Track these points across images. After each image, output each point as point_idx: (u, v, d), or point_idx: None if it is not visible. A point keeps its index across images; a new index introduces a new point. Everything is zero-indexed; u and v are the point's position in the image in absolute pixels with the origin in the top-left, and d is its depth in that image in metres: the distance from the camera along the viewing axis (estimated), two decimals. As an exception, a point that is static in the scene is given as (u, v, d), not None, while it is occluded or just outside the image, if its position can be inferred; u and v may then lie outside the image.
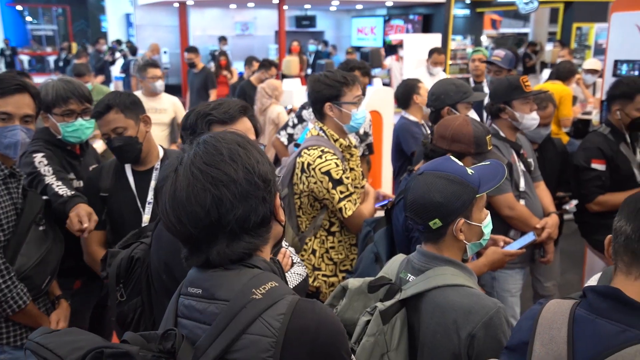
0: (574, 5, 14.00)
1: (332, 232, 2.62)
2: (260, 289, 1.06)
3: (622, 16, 3.58)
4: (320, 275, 2.61)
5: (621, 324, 1.11)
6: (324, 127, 2.58)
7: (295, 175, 2.55)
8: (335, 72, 2.59)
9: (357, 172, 2.71)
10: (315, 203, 2.55)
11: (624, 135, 3.18)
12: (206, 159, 1.07)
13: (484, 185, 1.57)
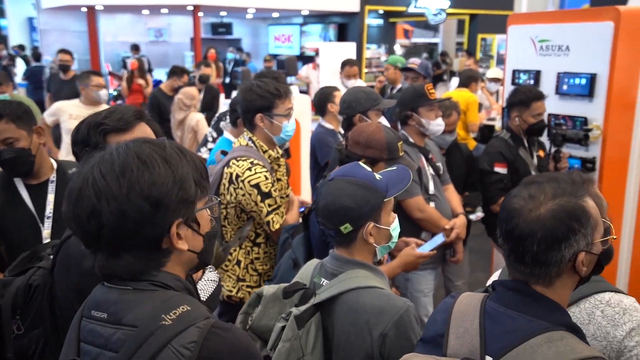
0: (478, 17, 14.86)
1: (257, 243, 2.61)
2: (171, 314, 1.02)
3: (518, 29, 3.85)
4: (245, 287, 2.59)
5: (528, 315, 1.19)
6: (253, 138, 2.56)
7: (222, 186, 2.52)
8: (268, 83, 2.56)
9: (283, 182, 2.72)
10: (242, 214, 2.54)
11: (523, 140, 3.41)
12: (103, 167, 1.04)
13: (391, 190, 1.63)
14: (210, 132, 3.94)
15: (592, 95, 3.40)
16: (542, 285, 1.22)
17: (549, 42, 3.64)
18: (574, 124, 3.51)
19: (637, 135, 3.45)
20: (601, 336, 1.49)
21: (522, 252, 1.20)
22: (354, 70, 5.81)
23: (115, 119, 1.62)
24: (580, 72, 3.45)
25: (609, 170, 3.44)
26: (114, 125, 1.61)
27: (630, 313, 1.48)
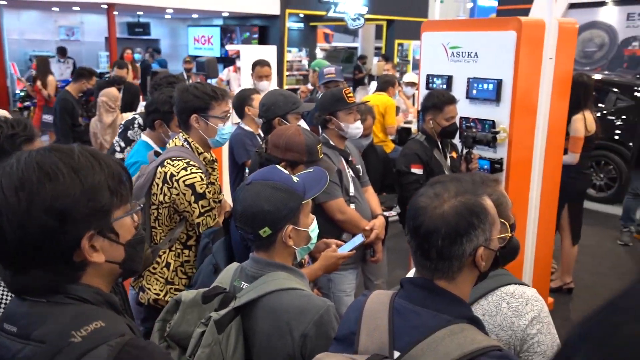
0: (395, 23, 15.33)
1: (188, 246, 2.56)
2: (82, 330, 0.97)
3: (431, 36, 4.01)
4: (173, 290, 2.53)
5: (432, 310, 1.25)
6: (189, 139, 2.52)
7: (154, 186, 2.45)
8: (206, 85, 2.55)
9: (216, 186, 2.69)
10: (174, 215, 2.49)
11: (437, 142, 3.55)
12: (3, 180, 0.98)
13: (309, 192, 1.66)
14: (118, 142, 3.77)
15: (499, 99, 3.60)
16: (445, 280, 1.27)
17: (459, 48, 3.82)
18: (483, 127, 3.70)
19: (538, 137, 3.69)
20: (507, 326, 1.59)
21: (427, 248, 1.25)
22: (265, 71, 5.49)
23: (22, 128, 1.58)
24: (488, 77, 3.64)
25: (514, 170, 3.66)
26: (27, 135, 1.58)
27: (532, 303, 1.59)
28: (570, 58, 3.89)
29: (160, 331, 1.64)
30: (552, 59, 3.63)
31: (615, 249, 5.58)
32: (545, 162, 3.78)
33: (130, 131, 3.68)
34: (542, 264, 4.03)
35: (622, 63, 10.36)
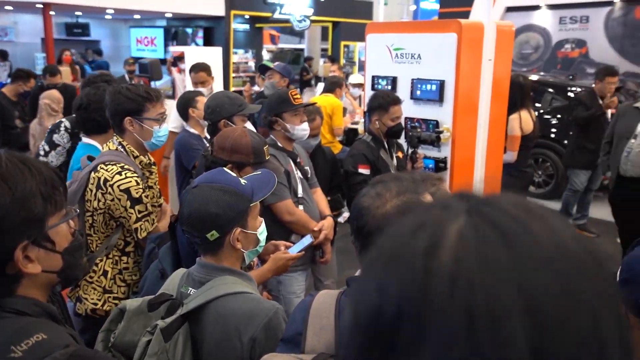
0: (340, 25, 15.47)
1: (126, 252, 2.49)
2: (22, 344, 0.92)
3: (376, 37, 4.07)
4: (112, 298, 2.45)
5: None
6: (123, 142, 2.45)
7: (88, 192, 2.36)
8: (139, 86, 2.48)
9: (155, 190, 2.62)
10: (110, 222, 2.41)
11: (383, 142, 3.60)
12: None
13: (257, 194, 1.64)
14: (43, 146, 3.60)
15: (442, 100, 3.70)
16: None
17: (403, 50, 3.90)
18: (427, 127, 3.79)
19: (480, 137, 3.81)
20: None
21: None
22: (200, 76, 5.09)
23: None
24: (431, 78, 3.74)
25: (458, 168, 3.77)
26: None
27: None
28: (508, 59, 4.04)
29: (104, 342, 1.58)
30: (491, 60, 3.75)
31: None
32: (486, 160, 3.90)
33: (56, 135, 3.51)
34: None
35: (556, 64, 10.84)
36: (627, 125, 4.43)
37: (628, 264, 1.11)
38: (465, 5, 10.28)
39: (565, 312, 0.44)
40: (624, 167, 4.38)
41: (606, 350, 0.44)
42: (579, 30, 10.51)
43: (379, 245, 0.53)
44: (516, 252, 0.45)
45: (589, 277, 0.47)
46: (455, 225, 0.48)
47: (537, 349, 0.42)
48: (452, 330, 0.43)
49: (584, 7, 10.19)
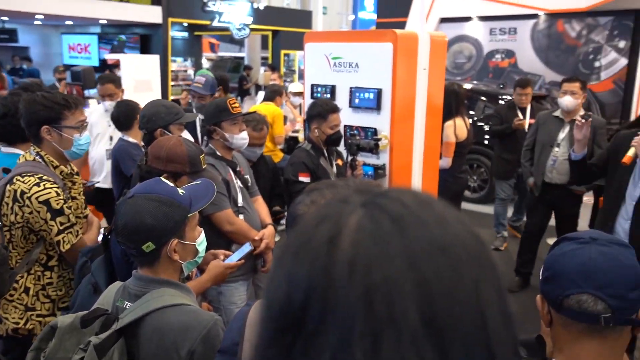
0: (280, 33, 15.51)
1: (49, 267, 2.38)
2: None
3: (314, 46, 4.11)
4: (35, 316, 2.34)
5: None
6: (41, 152, 2.35)
7: (4, 205, 2.25)
8: (56, 93, 2.40)
9: (79, 200, 2.52)
10: (30, 235, 2.30)
11: (323, 150, 3.63)
12: None
13: (195, 205, 1.62)
14: None
15: (380, 108, 3.77)
16: None
17: (341, 59, 3.96)
18: (366, 134, 3.85)
19: (417, 143, 3.92)
20: None
21: None
22: (107, 89, 4.48)
23: None
24: (368, 87, 3.80)
25: (396, 175, 3.85)
26: None
27: None
28: (441, 68, 4.17)
29: (33, 362, 1.51)
30: (425, 69, 3.87)
31: (489, 244, 6.04)
32: (423, 166, 4.01)
33: None
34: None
35: (488, 73, 11.30)
36: (548, 134, 4.59)
37: (548, 263, 1.16)
38: (401, 16, 10.57)
39: (450, 285, 0.49)
40: (549, 175, 4.56)
41: (486, 317, 0.50)
42: (508, 41, 11.02)
43: (288, 239, 0.57)
44: (407, 236, 0.50)
45: (471, 254, 0.52)
46: (354, 216, 0.52)
47: (428, 320, 0.47)
48: (353, 310, 0.47)
49: (512, 19, 10.69)
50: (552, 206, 4.68)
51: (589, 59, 10.14)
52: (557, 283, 1.12)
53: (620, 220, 3.02)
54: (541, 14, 10.47)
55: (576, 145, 3.19)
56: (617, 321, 1.08)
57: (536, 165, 4.68)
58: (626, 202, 2.99)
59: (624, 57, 9.79)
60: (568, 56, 10.35)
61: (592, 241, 1.13)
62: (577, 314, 1.09)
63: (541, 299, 1.17)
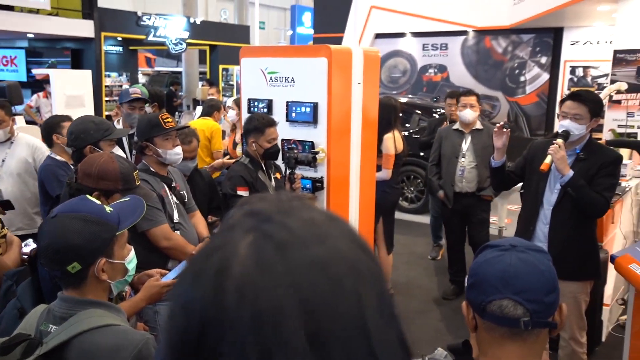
0: (218, 48, 15.42)
1: None
2: None
3: (250, 61, 4.12)
4: None
5: None
6: None
7: None
8: None
9: None
10: None
11: (261, 164, 3.63)
12: None
13: (124, 222, 1.58)
14: None
15: (316, 121, 3.82)
16: None
17: (277, 74, 3.98)
18: (303, 148, 3.88)
19: (354, 156, 3.98)
20: None
21: None
22: None
23: None
24: (305, 101, 3.84)
25: (334, 187, 3.90)
26: None
27: None
28: (375, 82, 4.28)
29: (-52, 393, 1.42)
30: (360, 83, 3.96)
31: (426, 254, 6.18)
32: (361, 178, 4.08)
33: None
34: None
35: (422, 87, 11.68)
36: (452, 147, 4.83)
37: (472, 271, 1.21)
38: (338, 32, 10.76)
39: (331, 301, 0.52)
40: (459, 185, 4.79)
41: (367, 322, 0.53)
42: (440, 56, 11.44)
43: (185, 268, 0.59)
44: (289, 259, 0.53)
45: (351, 266, 0.55)
46: (242, 244, 0.55)
47: (313, 337, 0.50)
48: (244, 336, 0.50)
49: (443, 35, 11.12)
50: (464, 215, 4.88)
51: (514, 73, 10.68)
52: (480, 289, 1.15)
53: (540, 224, 3.17)
54: (470, 31, 10.95)
55: (496, 153, 3.31)
56: (536, 324, 1.12)
57: (445, 178, 4.87)
58: (544, 207, 3.15)
59: (545, 72, 10.38)
60: (496, 71, 10.86)
61: (511, 248, 1.17)
62: (499, 319, 1.12)
63: (466, 305, 1.21)
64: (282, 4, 32.75)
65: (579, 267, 3.08)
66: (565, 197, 3.03)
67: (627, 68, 6.53)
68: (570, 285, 3.07)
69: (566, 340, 3.20)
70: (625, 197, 4.61)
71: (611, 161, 3.02)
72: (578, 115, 3.00)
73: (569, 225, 3.07)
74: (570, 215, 3.05)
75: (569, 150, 3.08)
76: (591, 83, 9.81)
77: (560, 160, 2.97)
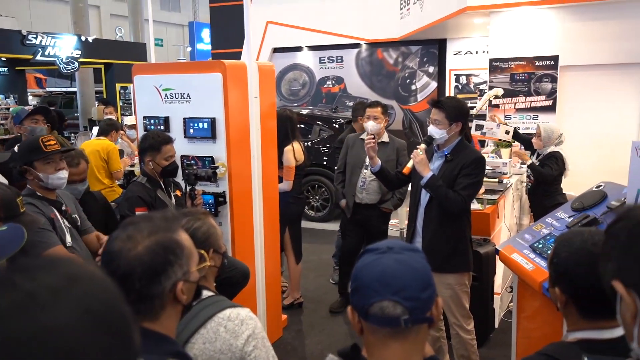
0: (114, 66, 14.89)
1: None
2: None
3: (143, 78, 4.06)
4: None
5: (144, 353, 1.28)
6: None
7: None
8: None
9: None
10: None
11: (159, 182, 3.58)
12: None
13: (3, 252, 1.53)
14: None
15: (215, 137, 3.83)
16: (149, 320, 1.29)
17: (172, 90, 3.96)
18: (203, 164, 3.88)
19: (255, 169, 4.03)
20: (226, 349, 1.67)
21: (126, 292, 1.25)
22: None
23: None
24: (202, 117, 3.85)
25: (237, 201, 3.92)
26: None
27: (247, 322, 1.71)
28: (272, 95, 4.37)
29: None
30: (257, 97, 4.03)
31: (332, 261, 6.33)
32: (263, 190, 4.14)
33: None
34: (273, 284, 4.37)
35: (322, 99, 11.99)
36: (357, 156, 4.71)
37: (354, 275, 1.24)
38: (236, 47, 10.79)
39: None
40: (359, 196, 4.70)
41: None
42: (337, 68, 11.82)
43: None
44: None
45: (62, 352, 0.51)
46: None
47: None
48: None
49: (338, 48, 11.51)
50: (363, 226, 4.83)
51: (406, 82, 11.26)
52: (362, 293, 1.19)
53: (419, 221, 3.40)
54: (363, 44, 11.41)
55: (370, 161, 3.54)
56: (415, 321, 1.17)
57: (348, 187, 4.79)
58: (421, 205, 3.39)
59: (434, 81, 11.06)
60: (389, 80, 11.40)
61: (388, 250, 1.23)
62: (381, 320, 1.16)
63: (351, 310, 1.23)
64: (180, 20, 32.22)
65: (447, 259, 3.29)
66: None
67: (502, 75, 7.13)
68: (448, 277, 3.31)
69: (454, 329, 3.45)
70: (507, 193, 5.02)
71: (470, 162, 3.24)
72: (437, 121, 3.24)
73: (435, 222, 3.29)
74: (437, 212, 3.28)
75: (439, 152, 3.34)
76: (474, 89, 10.57)
77: (419, 164, 3.19)
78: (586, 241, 1.50)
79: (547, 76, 6.89)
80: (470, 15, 7.55)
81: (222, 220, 3.89)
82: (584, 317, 1.46)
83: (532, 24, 6.94)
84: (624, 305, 0.91)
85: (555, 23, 6.86)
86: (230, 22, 11.48)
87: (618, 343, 1.37)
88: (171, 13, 31.97)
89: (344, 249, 4.97)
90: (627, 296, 0.89)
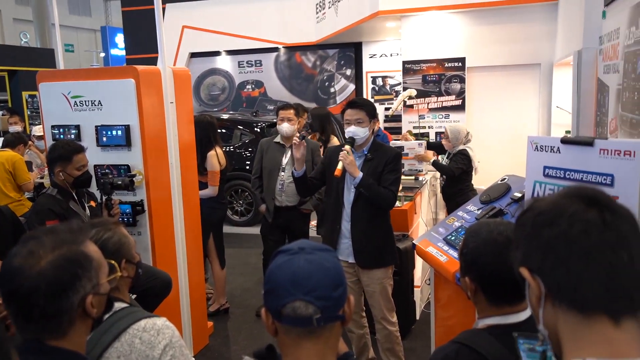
0: (19, 74, 14.06)
1: None
2: None
3: (49, 86, 3.88)
4: None
5: None
6: None
7: None
8: None
9: None
10: None
11: (72, 193, 3.44)
12: None
13: None
14: None
15: (130, 144, 3.73)
16: (55, 338, 1.25)
17: (82, 97, 3.81)
18: (119, 172, 3.77)
19: (174, 176, 3.96)
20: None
21: (29, 310, 1.20)
22: None
23: None
24: (115, 124, 3.74)
25: (156, 209, 3.84)
26: None
27: (163, 332, 1.69)
28: (188, 100, 4.31)
29: None
30: (172, 102, 3.96)
31: (258, 264, 6.28)
32: (184, 197, 4.07)
33: None
34: (197, 292, 4.31)
35: (242, 103, 11.93)
36: (273, 160, 4.69)
37: (267, 277, 1.24)
38: (151, 52, 10.52)
39: None
40: (279, 199, 4.66)
41: None
42: (256, 72, 11.82)
43: None
44: None
45: None
46: None
47: None
48: None
49: (257, 52, 11.51)
50: (285, 229, 4.78)
51: (325, 85, 11.45)
52: (275, 295, 1.19)
53: (344, 222, 3.45)
54: (281, 48, 11.47)
55: (296, 163, 3.49)
56: (327, 319, 1.18)
57: (266, 191, 4.73)
58: (345, 206, 3.44)
59: (351, 83, 11.32)
60: (308, 84, 11.54)
61: (300, 251, 1.22)
62: (294, 320, 1.17)
63: (265, 312, 1.23)
64: (92, 25, 30.90)
65: (379, 255, 3.42)
66: (360, 195, 3.35)
67: (415, 77, 7.43)
68: (377, 272, 3.42)
69: (380, 323, 3.55)
70: (423, 189, 5.24)
71: (392, 158, 3.38)
72: (360, 120, 3.33)
73: (365, 220, 3.38)
74: (364, 210, 3.37)
75: (358, 152, 3.42)
76: (390, 91, 10.93)
77: (349, 165, 3.26)
78: (492, 231, 1.57)
79: (456, 77, 7.25)
80: (383, 19, 7.80)
81: (141, 229, 3.80)
82: (492, 303, 1.53)
83: (441, 28, 7.28)
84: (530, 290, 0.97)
85: (461, 27, 7.24)
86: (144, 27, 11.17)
87: (523, 326, 1.45)
88: (81, 17, 30.60)
89: (265, 253, 4.95)
90: (532, 281, 0.95)
